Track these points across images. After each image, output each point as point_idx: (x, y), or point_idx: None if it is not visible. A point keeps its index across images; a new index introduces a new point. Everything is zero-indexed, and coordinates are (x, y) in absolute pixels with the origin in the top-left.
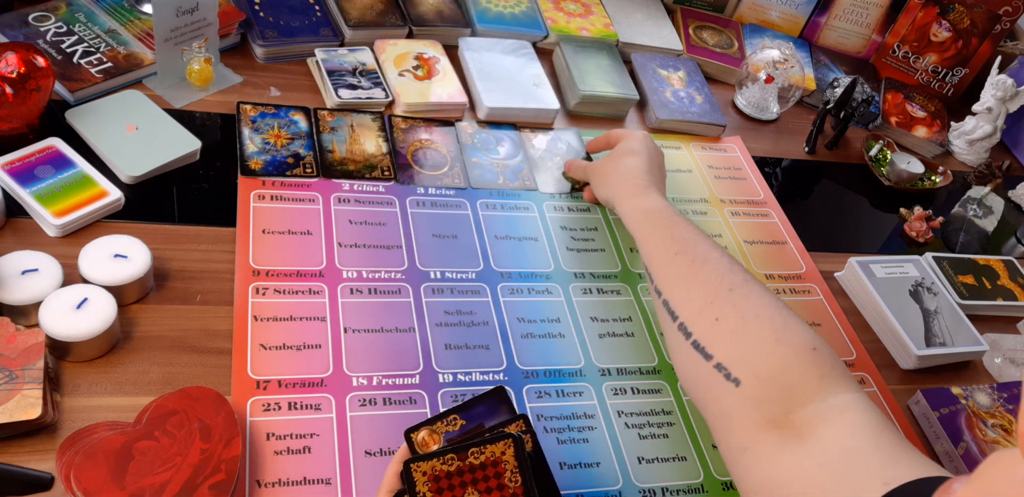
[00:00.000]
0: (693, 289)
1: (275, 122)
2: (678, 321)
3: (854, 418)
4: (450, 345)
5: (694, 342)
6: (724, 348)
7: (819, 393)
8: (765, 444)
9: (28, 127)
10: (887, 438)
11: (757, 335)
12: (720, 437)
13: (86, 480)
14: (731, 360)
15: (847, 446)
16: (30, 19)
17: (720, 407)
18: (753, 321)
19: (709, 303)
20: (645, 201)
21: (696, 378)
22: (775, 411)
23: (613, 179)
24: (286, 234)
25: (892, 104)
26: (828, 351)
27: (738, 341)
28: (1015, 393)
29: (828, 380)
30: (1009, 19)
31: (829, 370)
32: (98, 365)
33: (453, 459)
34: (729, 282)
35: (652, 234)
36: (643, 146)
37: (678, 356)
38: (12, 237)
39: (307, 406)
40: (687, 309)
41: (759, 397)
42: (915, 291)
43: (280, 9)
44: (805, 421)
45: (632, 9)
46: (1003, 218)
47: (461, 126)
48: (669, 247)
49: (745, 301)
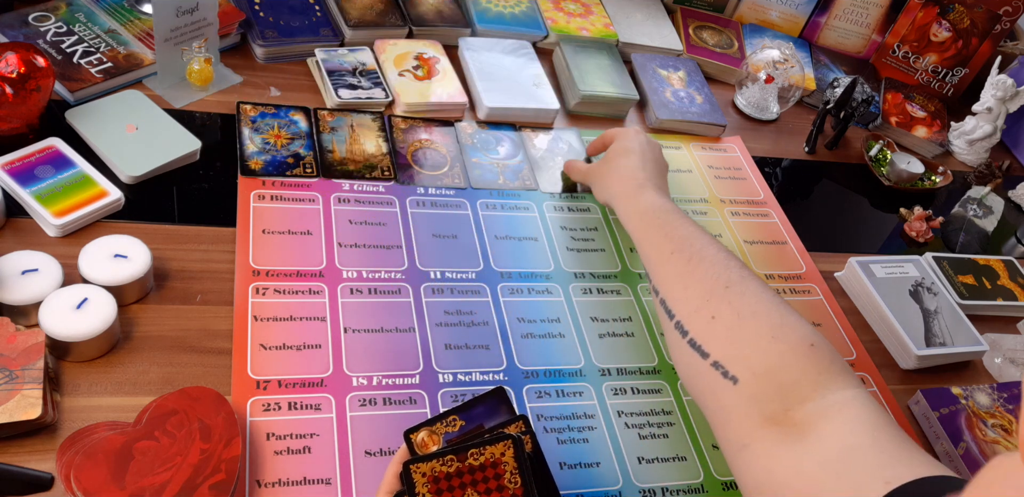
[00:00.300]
0: (689, 287)
1: (275, 122)
2: (675, 320)
3: (854, 414)
4: (450, 345)
5: (691, 340)
6: (721, 346)
7: (818, 390)
8: (764, 441)
9: (28, 127)
10: (887, 435)
11: (753, 332)
12: (720, 434)
13: (86, 480)
14: (728, 358)
15: (847, 443)
16: (30, 19)
17: (719, 405)
18: (749, 318)
19: (705, 301)
20: (641, 200)
21: (694, 376)
22: (773, 408)
23: (609, 181)
24: (286, 234)
25: (892, 104)
26: (827, 347)
27: (734, 339)
28: (1015, 393)
29: (827, 376)
30: (1009, 19)
31: (828, 366)
32: (98, 365)
33: (452, 460)
34: (725, 279)
35: (648, 233)
36: (636, 144)
37: (676, 354)
38: (12, 237)
39: (307, 406)
40: (684, 307)
41: (757, 394)
42: (915, 291)
43: (280, 9)
44: (804, 418)
45: (632, 9)
46: (1003, 218)
47: (461, 126)
48: (665, 246)
49: (741, 298)
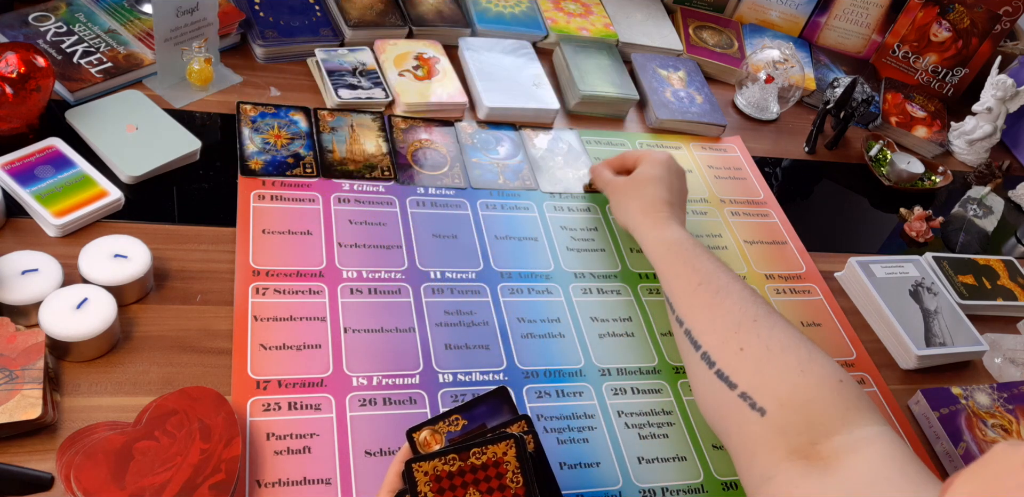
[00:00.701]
0: (717, 319)
1: (275, 122)
2: (701, 350)
3: (881, 450)
4: (450, 345)
5: (718, 371)
6: (749, 377)
7: (845, 425)
8: (789, 473)
9: (28, 127)
10: (914, 471)
11: (783, 365)
12: (743, 466)
13: (86, 480)
14: (756, 389)
15: (873, 478)
16: (30, 19)
17: (744, 436)
18: (779, 351)
19: (733, 333)
20: (667, 233)
21: (719, 407)
22: (800, 441)
23: (634, 208)
24: (286, 234)
25: (892, 104)
26: (853, 384)
27: (763, 371)
28: (1015, 393)
29: (854, 412)
30: (1009, 19)
31: (855, 402)
32: (98, 365)
33: (455, 459)
34: (753, 313)
35: (674, 265)
36: (666, 172)
37: (701, 386)
38: (12, 237)
39: (307, 406)
40: (711, 339)
41: (784, 426)
42: (915, 291)
43: (280, 9)
44: (831, 452)
45: (632, 9)
46: (1003, 218)
47: (461, 126)
48: (691, 278)
49: (770, 332)
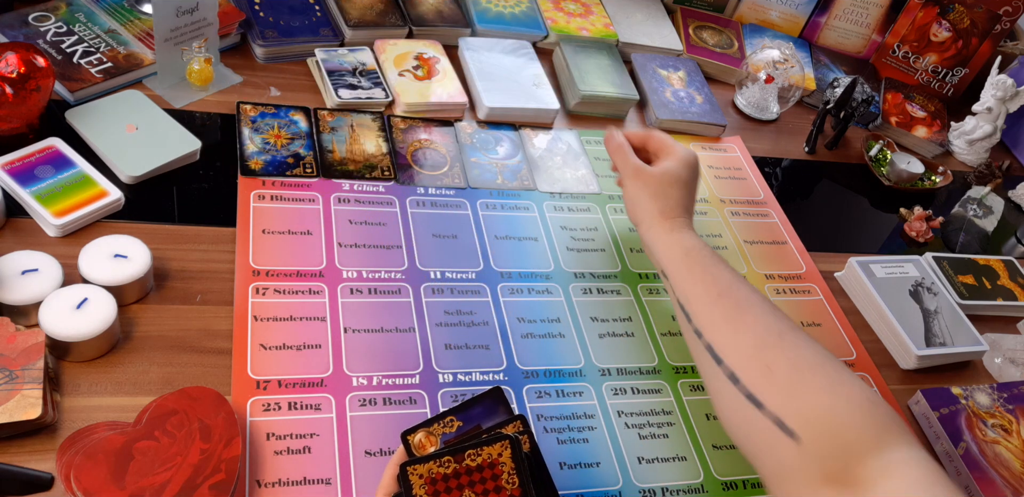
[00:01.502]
0: (740, 334)
1: (275, 122)
2: (724, 366)
3: (914, 474)
4: (450, 345)
5: (745, 391)
6: (779, 399)
7: (879, 447)
8: None
9: (28, 127)
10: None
11: (813, 387)
12: (774, 489)
13: (86, 480)
14: (787, 412)
15: None
16: (30, 19)
17: (775, 460)
18: (807, 372)
19: (759, 350)
20: (685, 238)
21: (745, 426)
22: (834, 466)
23: (655, 208)
24: (286, 234)
25: (892, 104)
26: (884, 404)
27: (793, 393)
28: (1015, 393)
29: (887, 435)
30: (1009, 19)
31: (887, 424)
32: (98, 365)
33: (450, 461)
34: (777, 329)
35: (693, 273)
36: (693, 176)
37: (724, 403)
38: (12, 237)
39: (307, 406)
40: (735, 355)
41: (818, 451)
42: (915, 291)
43: (280, 9)
44: (865, 476)
45: (632, 9)
46: (1003, 218)
47: (460, 126)
48: (711, 288)
49: (796, 350)
